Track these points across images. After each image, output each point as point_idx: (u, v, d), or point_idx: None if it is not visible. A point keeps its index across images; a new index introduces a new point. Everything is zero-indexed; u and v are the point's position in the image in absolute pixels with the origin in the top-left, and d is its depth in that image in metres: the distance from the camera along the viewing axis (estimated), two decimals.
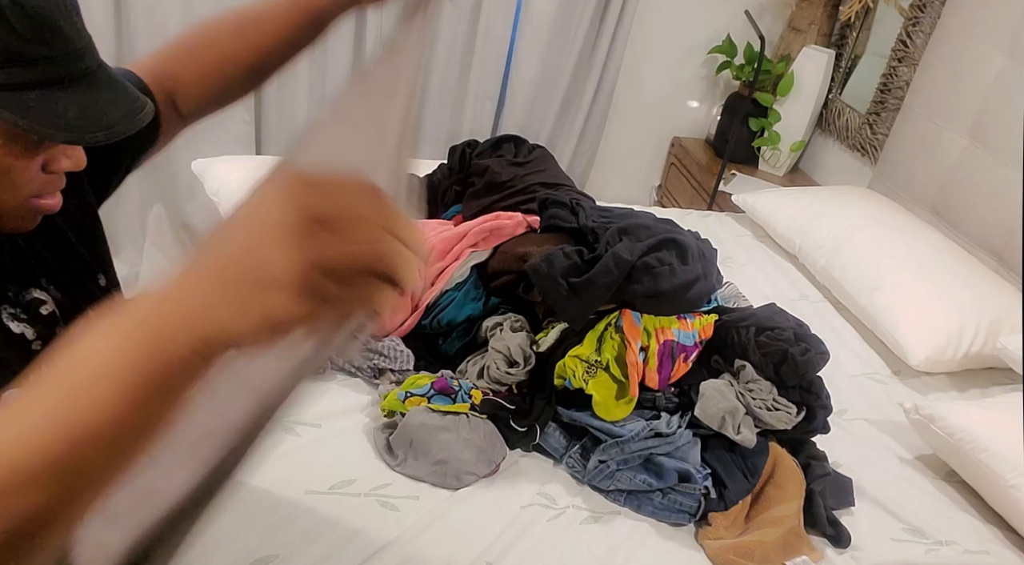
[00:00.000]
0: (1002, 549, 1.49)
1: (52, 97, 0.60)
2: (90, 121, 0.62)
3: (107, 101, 0.64)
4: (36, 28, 0.59)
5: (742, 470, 1.45)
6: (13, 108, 0.58)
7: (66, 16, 0.61)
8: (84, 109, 0.61)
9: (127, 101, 0.65)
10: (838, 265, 2.18)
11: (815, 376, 1.57)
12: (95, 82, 0.63)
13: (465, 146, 2.08)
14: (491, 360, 1.53)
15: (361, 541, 1.25)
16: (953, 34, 2.45)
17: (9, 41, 0.58)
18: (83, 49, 0.63)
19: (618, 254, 1.52)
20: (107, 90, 0.64)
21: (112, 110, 0.64)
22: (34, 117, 0.59)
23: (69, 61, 0.61)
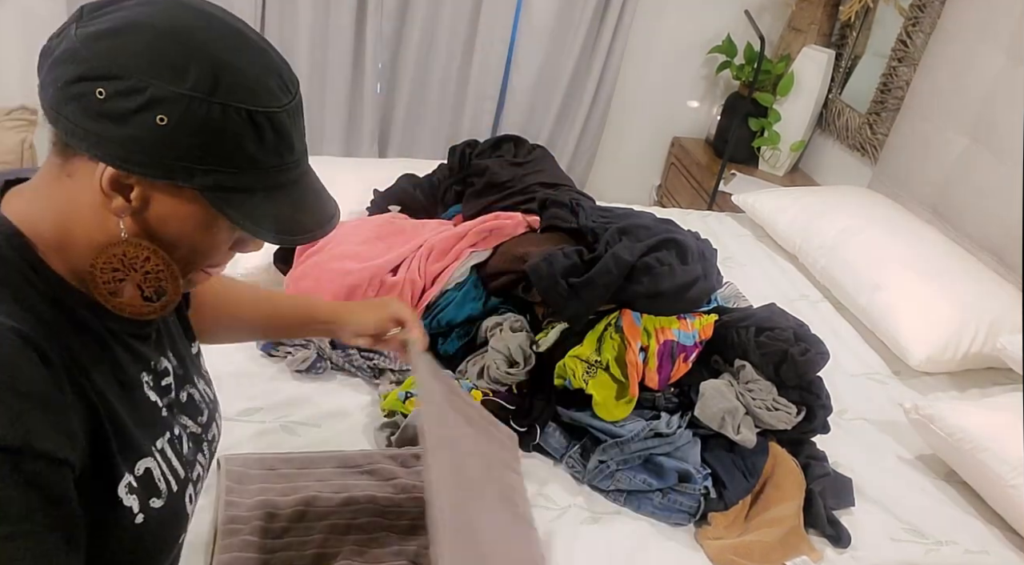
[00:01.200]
0: (1002, 549, 1.49)
1: (270, 200, 0.66)
2: (294, 224, 0.68)
3: (311, 206, 0.70)
4: (277, 141, 0.64)
5: (742, 470, 1.45)
6: (236, 207, 0.64)
7: (298, 127, 0.67)
8: (292, 213, 0.67)
9: (325, 206, 0.72)
10: (838, 265, 2.18)
11: (815, 376, 1.57)
12: (304, 187, 0.70)
13: (465, 146, 2.08)
14: (491, 360, 1.53)
15: None
16: (953, 34, 2.45)
17: (256, 151, 0.63)
18: (301, 159, 0.69)
19: (618, 254, 1.52)
20: (312, 194, 0.71)
21: (313, 215, 0.70)
22: (254, 218, 0.65)
23: (292, 170, 0.67)
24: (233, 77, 0.61)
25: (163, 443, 0.73)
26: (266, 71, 0.64)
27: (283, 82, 0.65)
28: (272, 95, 0.63)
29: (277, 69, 0.65)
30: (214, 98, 0.59)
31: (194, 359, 0.87)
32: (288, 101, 0.65)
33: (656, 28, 3.07)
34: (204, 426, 0.83)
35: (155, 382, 0.75)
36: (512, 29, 2.89)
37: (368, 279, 1.61)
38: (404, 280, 1.64)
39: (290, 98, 0.65)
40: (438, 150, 2.91)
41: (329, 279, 1.60)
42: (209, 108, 0.59)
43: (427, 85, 2.92)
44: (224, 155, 0.61)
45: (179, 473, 0.74)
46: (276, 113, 0.63)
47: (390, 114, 2.97)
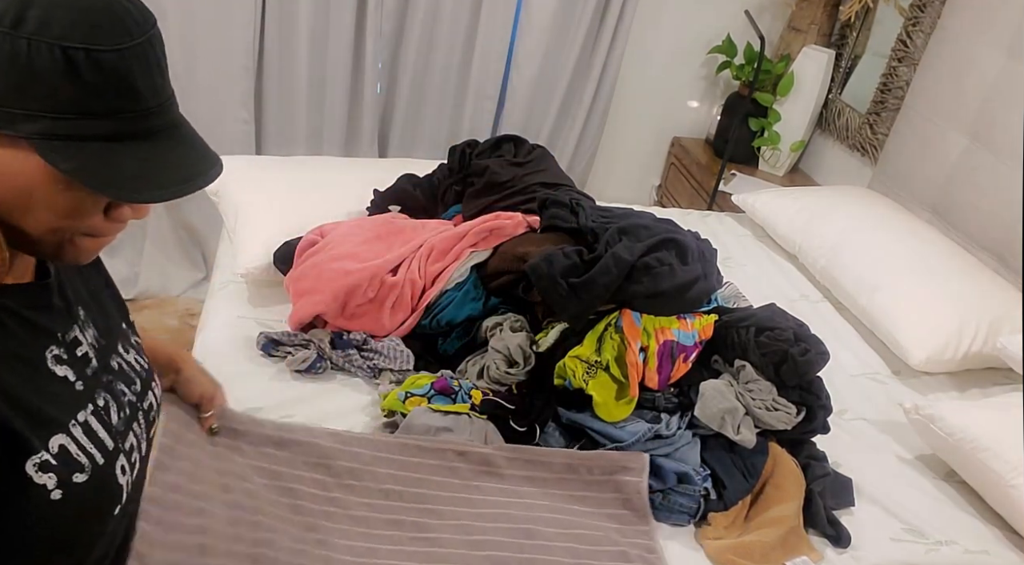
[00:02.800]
0: (1002, 549, 1.49)
1: (112, 152, 0.60)
2: (146, 180, 0.61)
3: (169, 161, 0.63)
4: (108, 83, 0.58)
5: (742, 470, 1.45)
6: (71, 159, 0.58)
7: (144, 72, 0.61)
8: (143, 167, 0.61)
9: (192, 162, 0.64)
10: (838, 265, 2.18)
11: (815, 376, 1.57)
12: (164, 140, 0.63)
13: (465, 146, 2.08)
14: (491, 360, 1.53)
15: None
16: (953, 34, 2.45)
17: (79, 94, 0.57)
18: (156, 107, 0.62)
19: (618, 254, 1.52)
20: (173, 150, 0.63)
21: (175, 168, 0.63)
22: (90, 170, 0.59)
23: (136, 118, 0.61)
24: (46, 11, 0.56)
25: (85, 415, 0.70)
26: (97, 8, 0.58)
27: (121, 22, 0.59)
28: (99, 32, 0.57)
29: (113, 8, 0.59)
30: (18, 32, 0.55)
31: (122, 329, 0.83)
32: (124, 42, 0.59)
33: (656, 28, 3.07)
34: (138, 395, 0.80)
35: (67, 354, 0.71)
36: (512, 29, 2.88)
37: (368, 279, 1.61)
38: (404, 280, 1.64)
39: (128, 39, 0.59)
40: (438, 150, 2.91)
41: (329, 279, 1.60)
42: (13, 43, 0.55)
43: (427, 85, 2.92)
44: (42, 98, 0.57)
45: (106, 445, 0.71)
46: (101, 52, 0.57)
47: (390, 114, 2.97)
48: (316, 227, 1.79)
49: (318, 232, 1.77)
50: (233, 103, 2.68)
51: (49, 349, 0.69)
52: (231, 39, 2.58)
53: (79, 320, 0.75)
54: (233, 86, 2.65)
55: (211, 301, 1.78)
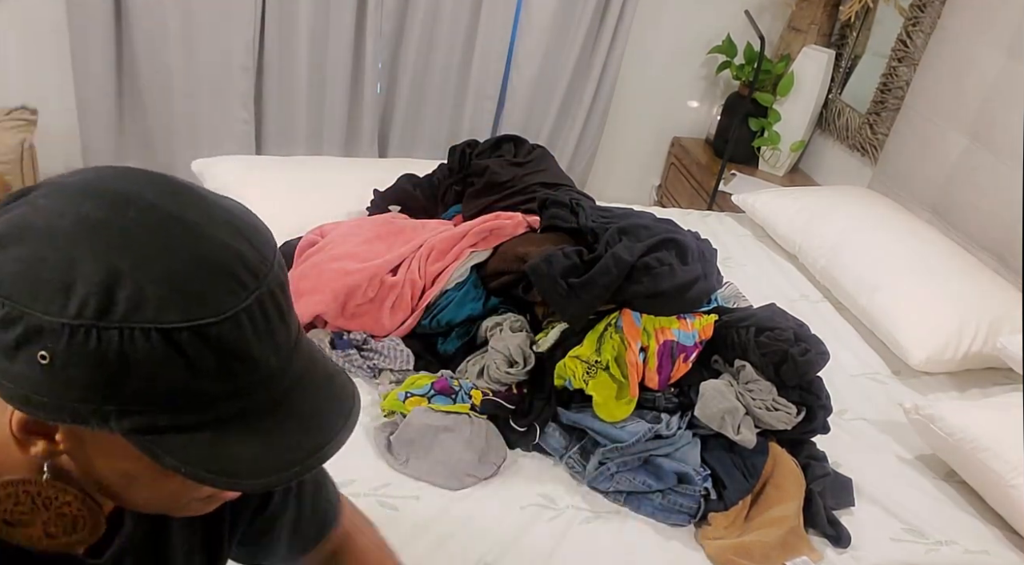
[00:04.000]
0: (1002, 549, 1.49)
1: (226, 438, 0.49)
2: (265, 463, 0.50)
3: (295, 433, 0.51)
4: (221, 363, 0.47)
5: (742, 470, 1.45)
6: (177, 453, 0.48)
7: (263, 331, 0.49)
8: (264, 449, 0.50)
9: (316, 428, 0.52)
10: (838, 265, 2.18)
11: (815, 376, 1.57)
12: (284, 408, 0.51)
13: (465, 146, 2.08)
14: (491, 360, 1.53)
15: None
16: (953, 34, 2.45)
17: (184, 379, 0.47)
18: (277, 369, 0.51)
19: (618, 254, 1.52)
20: (297, 416, 0.52)
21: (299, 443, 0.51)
22: (201, 464, 0.48)
23: (256, 392, 0.50)
24: (139, 286, 0.45)
25: None
26: (205, 266, 0.47)
27: (233, 276, 0.48)
28: (206, 300, 0.46)
29: (222, 258, 0.48)
30: (107, 322, 0.44)
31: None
32: (238, 301, 0.47)
33: (656, 28, 3.07)
34: None
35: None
36: (512, 29, 2.89)
37: (368, 279, 1.61)
38: (404, 280, 1.64)
39: (244, 296, 0.48)
40: (438, 150, 2.91)
41: (329, 279, 1.60)
42: (101, 336, 0.44)
43: (427, 85, 2.92)
44: (139, 390, 0.46)
45: None
46: (210, 325, 0.46)
47: (390, 114, 2.97)
48: (316, 227, 1.79)
49: (318, 232, 1.77)
50: (233, 103, 2.68)
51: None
52: (231, 39, 2.58)
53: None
54: (233, 86, 2.65)
55: None
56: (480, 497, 1.38)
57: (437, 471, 1.38)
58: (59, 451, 0.50)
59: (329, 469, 1.37)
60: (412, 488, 1.37)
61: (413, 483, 1.37)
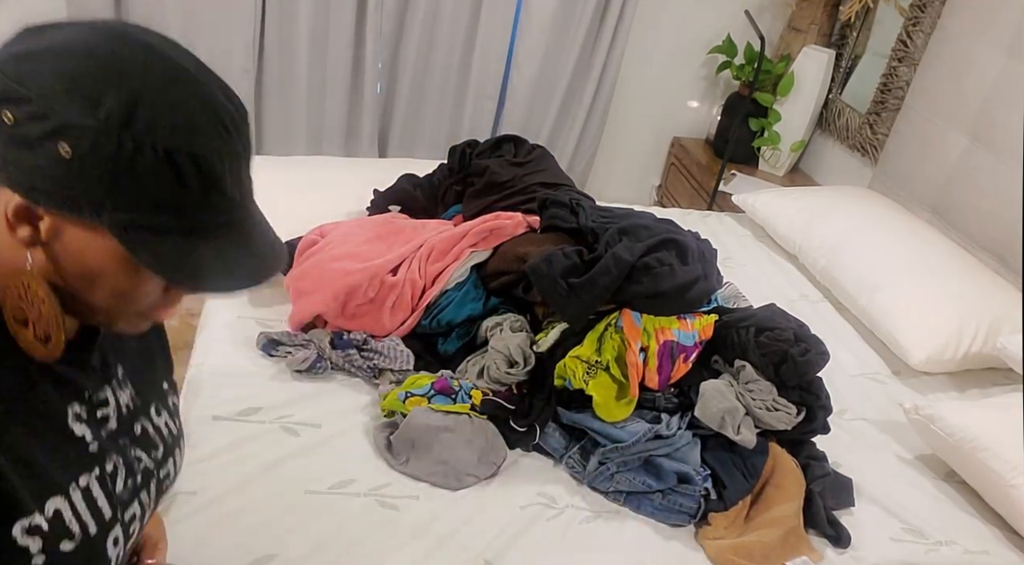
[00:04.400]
0: (1002, 549, 1.49)
1: (190, 245, 0.60)
2: (217, 273, 0.62)
3: (243, 254, 0.64)
4: (203, 186, 0.59)
5: (742, 470, 1.45)
6: (151, 249, 0.59)
7: (234, 170, 0.62)
8: (218, 261, 0.62)
9: (263, 256, 0.65)
10: (838, 265, 2.18)
11: (815, 376, 1.57)
12: (237, 233, 0.64)
13: (465, 146, 2.08)
14: (491, 360, 1.53)
15: (360, 541, 1.25)
16: (953, 34, 2.45)
17: (174, 194, 0.58)
18: (237, 204, 0.63)
19: (618, 254, 1.52)
20: (246, 243, 0.64)
21: (245, 265, 0.64)
22: (167, 262, 0.60)
23: (220, 214, 0.62)
24: (153, 112, 0.56)
25: (88, 480, 0.67)
26: (199, 108, 0.59)
27: (220, 122, 0.60)
28: (200, 135, 0.58)
29: (214, 107, 0.60)
30: (127, 132, 0.55)
31: (161, 391, 0.83)
32: (222, 143, 0.60)
33: (656, 28, 3.07)
34: (158, 462, 0.78)
35: (88, 413, 0.70)
36: (512, 29, 2.89)
37: (368, 279, 1.61)
38: (404, 280, 1.64)
39: (225, 140, 0.60)
40: (438, 150, 2.91)
41: (329, 279, 1.60)
42: (120, 143, 0.55)
43: (427, 85, 2.92)
44: (137, 194, 0.57)
45: (103, 514, 0.68)
46: (202, 156, 0.58)
47: (390, 114, 2.97)
48: (316, 227, 1.79)
49: (318, 232, 1.77)
50: None
51: (72, 406, 0.68)
52: (231, 39, 2.58)
53: (115, 379, 0.74)
54: (233, 86, 2.63)
55: (211, 301, 1.78)
56: (480, 497, 1.38)
57: (437, 471, 1.38)
58: (40, 240, 0.59)
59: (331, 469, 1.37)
60: (412, 488, 1.37)
61: (413, 483, 1.37)
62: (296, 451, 1.39)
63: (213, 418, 1.42)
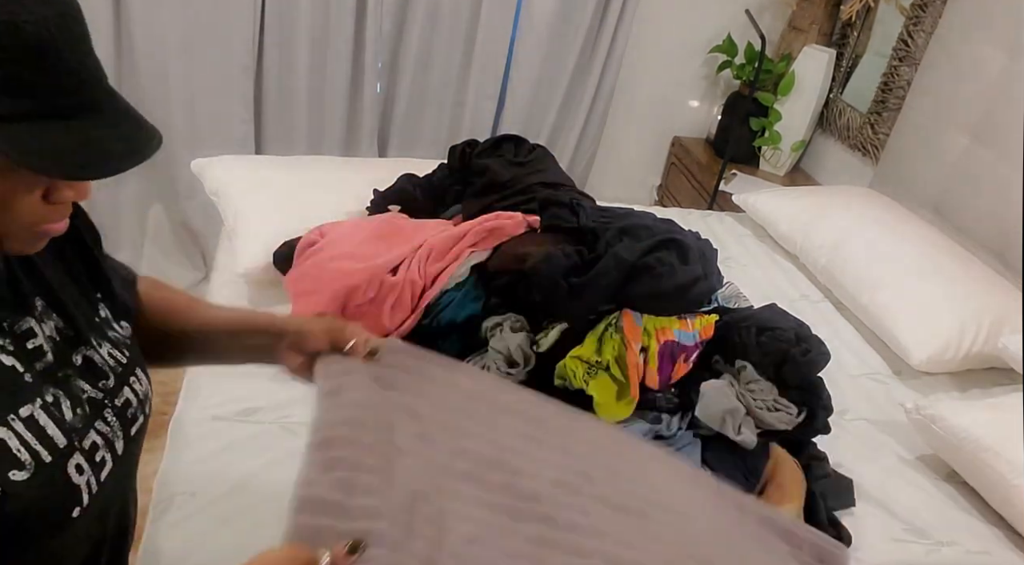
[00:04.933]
0: (1003, 549, 1.49)
1: (46, 129, 0.57)
2: (86, 156, 0.58)
3: (109, 135, 0.60)
4: (33, 54, 0.55)
5: (742, 471, 1.44)
6: (7, 138, 0.55)
7: (71, 45, 0.58)
8: (82, 143, 0.58)
9: (133, 135, 0.62)
10: (839, 265, 2.18)
11: (816, 377, 1.56)
12: (100, 115, 0.60)
13: (465, 146, 2.08)
14: (491, 360, 1.53)
15: None
16: (954, 33, 2.45)
17: (6, 67, 0.54)
18: (87, 80, 0.59)
19: (618, 254, 1.52)
20: (112, 124, 0.61)
21: (114, 145, 0.60)
22: (23, 149, 0.56)
23: (68, 92, 0.58)
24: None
25: (31, 410, 0.67)
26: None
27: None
28: (19, 4, 0.55)
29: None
30: None
31: (99, 321, 0.80)
32: (46, 11, 0.56)
33: (656, 28, 3.07)
34: (109, 391, 0.77)
35: (15, 345, 0.68)
36: (512, 29, 2.88)
37: (368, 279, 1.60)
38: (404, 280, 1.63)
39: (50, 8, 0.56)
40: (438, 150, 2.91)
41: (329, 279, 1.60)
42: None
43: (427, 85, 2.92)
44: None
45: (55, 441, 0.68)
46: (23, 24, 0.54)
47: (390, 114, 2.97)
48: (316, 227, 1.79)
49: (318, 232, 1.77)
50: (233, 103, 2.68)
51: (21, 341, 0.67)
52: (231, 39, 2.58)
53: (35, 311, 0.72)
54: (233, 86, 2.65)
55: (211, 301, 1.78)
56: None
57: None
58: None
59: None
60: None
61: None
62: (296, 451, 1.37)
63: (213, 418, 1.42)
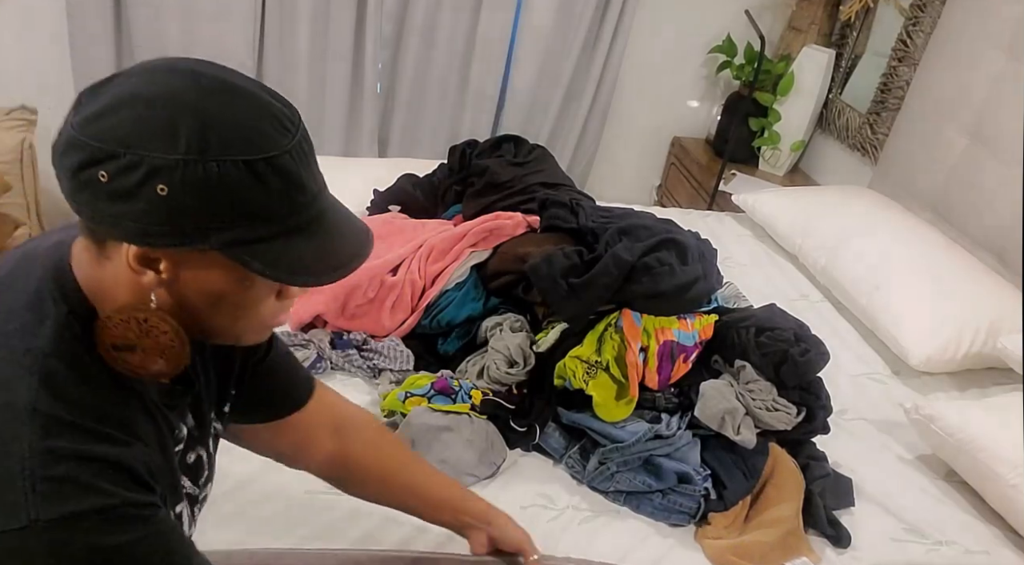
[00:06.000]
0: (1002, 549, 1.49)
1: (293, 245, 0.65)
2: (323, 263, 0.67)
3: (338, 242, 0.68)
4: (285, 186, 0.63)
5: (742, 470, 1.45)
6: (260, 258, 0.63)
7: (307, 165, 0.65)
8: (319, 253, 0.66)
9: (353, 238, 0.70)
10: (838, 265, 2.18)
11: (815, 377, 1.57)
12: (327, 223, 0.68)
13: (465, 146, 2.08)
14: (491, 360, 1.53)
15: (360, 541, 1.25)
16: (953, 34, 2.45)
17: (263, 199, 0.62)
18: (318, 194, 0.67)
19: (618, 254, 1.52)
20: (336, 230, 0.69)
21: (342, 250, 0.69)
22: (278, 266, 0.64)
23: (308, 210, 0.66)
24: (223, 131, 0.60)
25: (181, 508, 0.76)
26: (258, 116, 0.63)
27: (280, 123, 0.64)
28: (268, 139, 0.62)
29: (271, 111, 0.64)
30: (208, 157, 0.59)
31: (210, 421, 0.86)
32: (288, 141, 0.63)
33: (656, 28, 3.07)
34: (202, 487, 0.85)
35: (173, 448, 0.76)
36: (512, 29, 2.89)
37: (368, 279, 1.61)
38: (404, 280, 1.64)
39: (290, 138, 0.64)
40: (438, 150, 2.91)
41: None
42: (205, 168, 0.59)
43: (427, 85, 2.92)
44: (232, 210, 0.61)
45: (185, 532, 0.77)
46: (276, 157, 0.62)
47: (390, 114, 2.97)
48: None
49: None
50: None
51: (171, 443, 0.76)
52: (231, 38, 2.58)
53: (186, 415, 0.80)
54: None
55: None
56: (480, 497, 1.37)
57: None
58: (163, 281, 0.64)
59: None
60: None
61: None
62: None
63: None
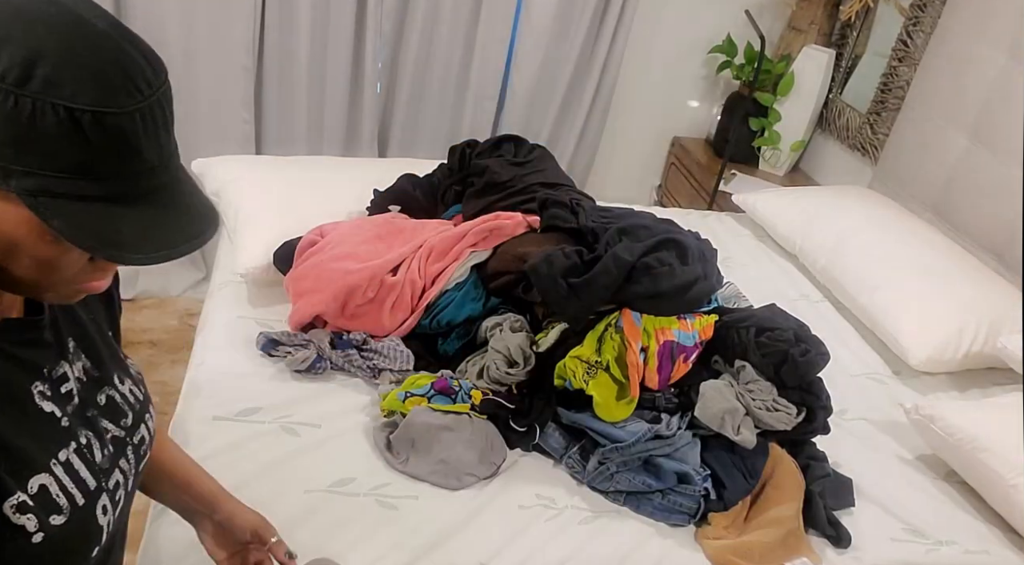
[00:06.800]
0: (1002, 549, 1.49)
1: (111, 213, 0.58)
2: (144, 240, 0.59)
3: (173, 222, 0.61)
4: (113, 145, 0.56)
5: (742, 471, 1.45)
6: (64, 217, 0.56)
7: (150, 133, 0.59)
8: (141, 229, 0.59)
9: (191, 221, 0.62)
10: (838, 265, 2.18)
11: (815, 377, 1.57)
12: (163, 199, 0.61)
13: (465, 146, 2.08)
14: (491, 360, 1.53)
15: (360, 540, 1.25)
16: (953, 34, 2.45)
17: (81, 155, 0.55)
18: (158, 166, 0.60)
19: (618, 254, 1.52)
20: (174, 209, 0.62)
21: (174, 231, 0.61)
22: (82, 229, 0.57)
23: (137, 179, 0.59)
24: (54, 70, 0.53)
25: (67, 455, 0.68)
26: (108, 67, 0.56)
27: (131, 81, 0.57)
28: (108, 93, 0.55)
29: (125, 66, 0.57)
30: (24, 90, 0.53)
31: (118, 359, 0.82)
32: (133, 102, 0.56)
33: (656, 28, 3.07)
34: (128, 429, 0.78)
35: (52, 390, 0.69)
36: (512, 29, 2.88)
37: (368, 279, 1.61)
38: (404, 280, 1.64)
39: (138, 98, 0.57)
40: (438, 150, 2.91)
41: (329, 279, 1.60)
42: (18, 101, 0.53)
43: (427, 85, 2.92)
44: (42, 156, 0.54)
45: (87, 484, 0.69)
46: (109, 114, 0.55)
47: (390, 114, 2.97)
48: (316, 227, 1.79)
49: (318, 232, 1.77)
50: (233, 103, 2.68)
51: (35, 385, 0.68)
52: (231, 39, 2.58)
53: (69, 354, 0.73)
54: (233, 86, 2.65)
55: (211, 301, 1.78)
56: (480, 497, 1.38)
57: (437, 471, 1.38)
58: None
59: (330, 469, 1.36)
60: (412, 488, 1.37)
61: (413, 483, 1.37)
62: (296, 451, 1.39)
63: (213, 418, 1.42)
